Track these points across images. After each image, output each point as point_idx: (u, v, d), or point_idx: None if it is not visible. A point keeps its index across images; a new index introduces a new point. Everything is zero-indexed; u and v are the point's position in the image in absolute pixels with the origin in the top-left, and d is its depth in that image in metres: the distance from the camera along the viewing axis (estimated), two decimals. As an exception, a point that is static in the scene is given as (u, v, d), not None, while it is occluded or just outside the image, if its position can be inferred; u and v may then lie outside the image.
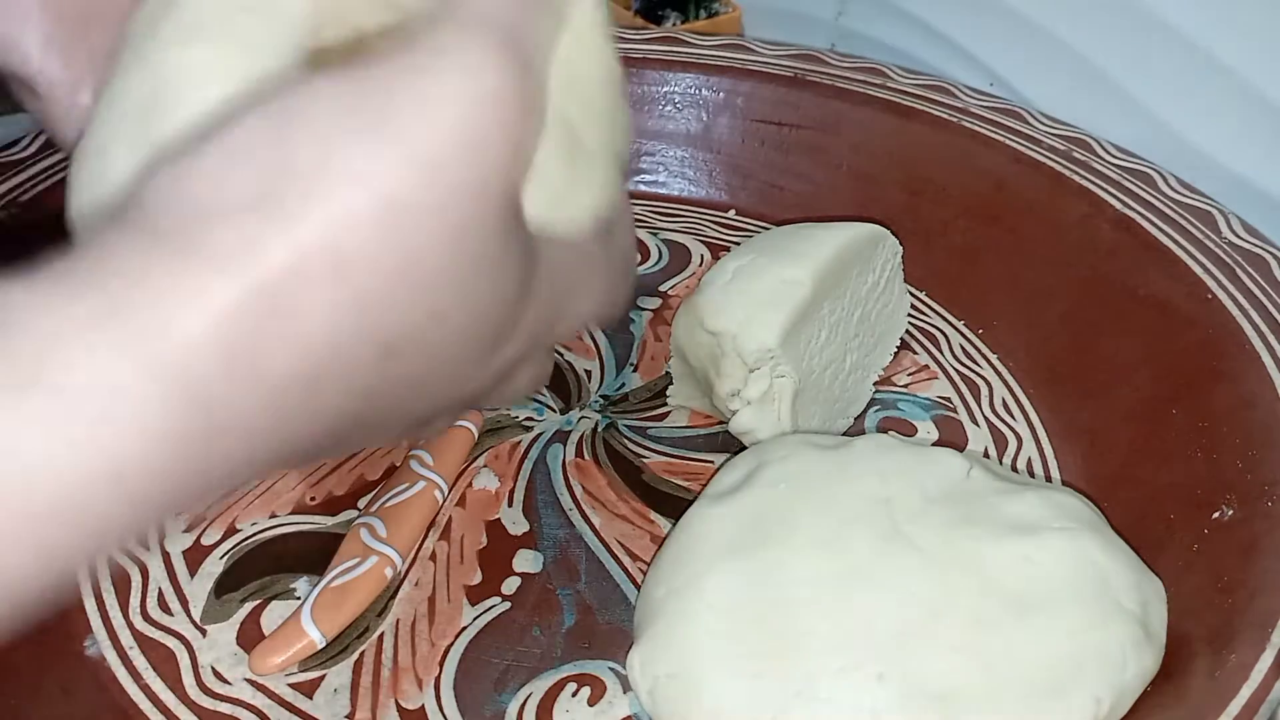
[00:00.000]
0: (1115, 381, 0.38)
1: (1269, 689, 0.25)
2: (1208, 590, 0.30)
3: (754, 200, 0.52)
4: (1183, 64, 0.49)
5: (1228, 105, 0.48)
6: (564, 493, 0.37)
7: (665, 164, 0.54)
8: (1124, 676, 0.26)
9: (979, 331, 0.44)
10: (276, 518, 0.35)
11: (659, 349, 0.44)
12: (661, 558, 0.31)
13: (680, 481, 0.37)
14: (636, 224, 0.52)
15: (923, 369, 0.43)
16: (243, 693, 0.30)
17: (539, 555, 0.34)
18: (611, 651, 0.31)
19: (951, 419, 0.40)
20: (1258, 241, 0.39)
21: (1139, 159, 0.45)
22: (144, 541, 0.34)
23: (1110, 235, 0.42)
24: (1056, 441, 0.39)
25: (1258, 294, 0.37)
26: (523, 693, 0.30)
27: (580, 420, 0.40)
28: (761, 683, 0.26)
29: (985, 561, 0.28)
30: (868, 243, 0.39)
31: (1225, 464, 0.33)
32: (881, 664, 0.26)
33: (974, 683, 0.25)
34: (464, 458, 0.37)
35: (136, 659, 0.31)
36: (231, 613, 0.32)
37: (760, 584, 0.28)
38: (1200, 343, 0.36)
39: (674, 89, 0.53)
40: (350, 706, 0.30)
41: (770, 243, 0.38)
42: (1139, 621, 0.27)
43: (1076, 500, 0.31)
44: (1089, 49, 0.53)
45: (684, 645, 0.27)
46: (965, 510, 0.29)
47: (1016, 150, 0.46)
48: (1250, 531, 0.30)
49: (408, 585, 0.33)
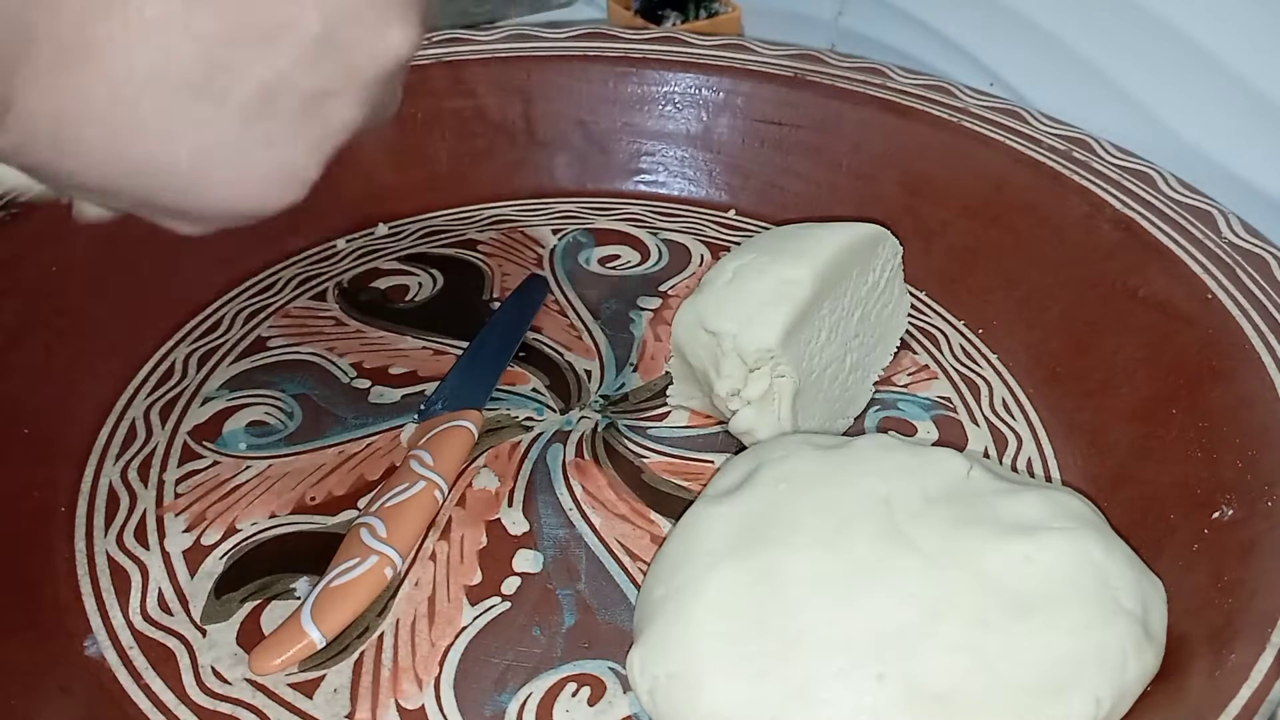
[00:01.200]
0: (1115, 381, 0.38)
1: (1269, 689, 0.25)
2: (1207, 590, 0.30)
3: (754, 200, 0.52)
4: (1183, 64, 0.49)
5: (1228, 105, 0.48)
6: (564, 493, 0.37)
7: (665, 164, 0.54)
8: (1124, 676, 0.26)
9: (979, 331, 0.44)
10: (276, 518, 0.35)
11: (659, 349, 0.44)
12: (661, 558, 0.31)
13: (680, 481, 0.37)
14: (637, 224, 0.52)
15: (922, 369, 0.43)
16: (242, 692, 0.30)
17: (539, 555, 0.34)
18: (611, 651, 0.31)
19: (951, 419, 0.40)
20: (1258, 241, 0.39)
21: (1139, 159, 0.45)
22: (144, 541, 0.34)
23: (1110, 235, 0.42)
24: (1056, 441, 0.39)
25: (1258, 294, 0.37)
26: (523, 692, 0.30)
27: (580, 420, 0.40)
28: (761, 683, 0.26)
29: (985, 561, 0.28)
30: (868, 243, 0.39)
31: (1225, 464, 0.33)
32: (881, 664, 0.26)
33: (974, 683, 0.25)
34: (464, 457, 0.37)
35: (136, 659, 0.31)
36: (231, 613, 0.32)
37: (760, 584, 0.28)
38: (1200, 342, 0.36)
39: (674, 89, 0.53)
40: (350, 706, 0.30)
41: (771, 242, 0.38)
42: (1139, 621, 0.27)
43: (1076, 500, 0.31)
44: (1089, 49, 0.53)
45: (684, 645, 0.27)
46: (965, 510, 0.29)
47: (1016, 150, 0.46)
48: (1250, 531, 0.30)
49: (408, 585, 0.33)
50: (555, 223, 0.52)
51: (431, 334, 0.44)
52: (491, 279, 0.48)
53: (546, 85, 0.53)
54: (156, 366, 0.42)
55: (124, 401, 0.40)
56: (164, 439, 0.39)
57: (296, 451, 0.38)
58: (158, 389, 0.41)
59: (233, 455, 0.38)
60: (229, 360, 0.42)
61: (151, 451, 0.38)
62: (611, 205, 0.53)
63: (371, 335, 0.44)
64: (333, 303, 0.46)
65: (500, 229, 0.52)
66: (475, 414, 0.38)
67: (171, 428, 0.39)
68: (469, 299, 0.47)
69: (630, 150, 0.54)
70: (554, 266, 0.49)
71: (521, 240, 0.51)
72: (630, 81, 0.54)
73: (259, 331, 0.44)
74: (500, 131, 0.53)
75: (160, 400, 0.40)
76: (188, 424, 0.39)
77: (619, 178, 0.54)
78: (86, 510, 0.35)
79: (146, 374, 0.41)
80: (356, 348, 0.43)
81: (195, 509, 0.36)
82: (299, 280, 0.47)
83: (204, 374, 0.42)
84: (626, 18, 0.67)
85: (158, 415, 0.40)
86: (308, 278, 0.48)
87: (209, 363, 0.42)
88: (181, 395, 0.41)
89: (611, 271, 0.49)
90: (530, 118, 0.54)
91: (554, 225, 0.52)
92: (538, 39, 0.55)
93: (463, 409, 0.38)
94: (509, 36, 0.55)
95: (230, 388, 0.41)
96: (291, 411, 0.40)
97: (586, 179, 0.54)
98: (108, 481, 0.37)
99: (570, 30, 0.56)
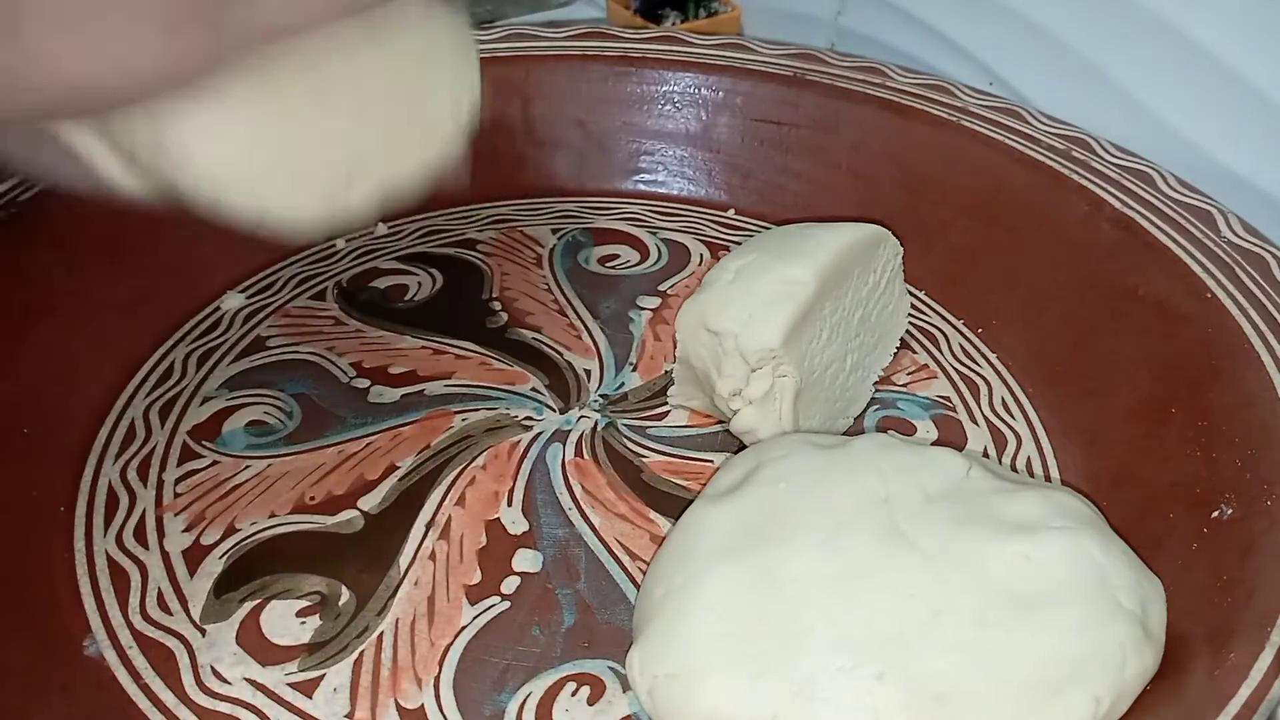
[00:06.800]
0: (1115, 380, 0.38)
1: (1268, 688, 0.25)
2: (1207, 589, 0.30)
3: (753, 200, 0.52)
4: (1183, 64, 0.49)
5: (1228, 105, 0.48)
6: (563, 492, 0.37)
7: (664, 163, 0.54)
8: (1123, 676, 0.26)
9: (978, 331, 0.44)
10: (276, 517, 0.35)
11: (659, 349, 0.44)
12: (661, 557, 0.31)
13: (680, 481, 0.37)
14: (636, 223, 0.52)
15: (922, 368, 0.43)
16: (242, 692, 0.30)
17: (538, 555, 0.34)
18: (611, 651, 0.31)
19: (951, 418, 0.40)
20: (1257, 241, 0.39)
21: (1138, 158, 0.45)
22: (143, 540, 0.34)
23: (1110, 234, 0.42)
24: (1056, 441, 0.39)
25: (1257, 293, 0.37)
26: (522, 692, 0.30)
27: (580, 419, 0.40)
28: (761, 682, 0.26)
29: (985, 561, 0.28)
30: (870, 243, 0.39)
31: (1224, 463, 0.33)
32: (881, 663, 0.26)
33: (973, 682, 0.25)
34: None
35: (136, 659, 0.31)
36: (231, 612, 0.32)
37: (760, 583, 0.28)
38: (1200, 342, 0.36)
39: (673, 88, 0.53)
40: (350, 706, 0.30)
41: (773, 242, 0.38)
42: (1138, 621, 0.27)
43: (1076, 499, 0.31)
44: (1089, 49, 0.53)
45: (683, 645, 0.27)
46: (965, 509, 0.29)
47: (1016, 150, 0.46)
48: (1249, 531, 0.30)
49: (407, 585, 0.33)
50: (554, 222, 0.52)
51: (431, 333, 0.44)
52: (491, 278, 0.48)
53: (545, 84, 0.53)
54: (156, 366, 0.42)
55: (123, 401, 0.40)
56: (163, 439, 0.39)
57: (296, 451, 0.38)
58: (157, 389, 0.41)
59: (232, 455, 0.38)
60: (228, 360, 0.42)
61: (151, 451, 0.38)
62: (611, 205, 0.53)
63: (371, 335, 0.44)
64: (332, 302, 0.46)
65: (499, 228, 0.52)
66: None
67: (171, 427, 0.39)
68: (468, 298, 0.47)
69: (630, 150, 0.54)
70: (553, 266, 0.49)
71: (521, 239, 0.51)
72: (630, 81, 0.54)
73: (258, 331, 0.44)
74: (499, 131, 0.53)
75: (159, 400, 0.40)
76: (187, 423, 0.39)
77: (618, 177, 0.54)
78: (86, 510, 0.35)
79: (146, 373, 0.41)
80: (356, 347, 0.43)
81: (195, 509, 0.36)
82: (298, 280, 0.47)
83: (203, 374, 0.42)
84: (626, 17, 0.67)
85: (157, 415, 0.40)
86: (307, 277, 0.48)
87: (208, 362, 0.42)
88: (181, 395, 0.41)
89: (611, 271, 0.49)
90: (529, 117, 0.54)
91: (553, 225, 0.52)
92: (537, 38, 0.55)
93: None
94: (508, 36, 0.55)
95: (230, 387, 0.41)
96: (291, 411, 0.40)
97: (586, 178, 0.54)
98: (107, 481, 0.37)
99: (569, 30, 0.56)
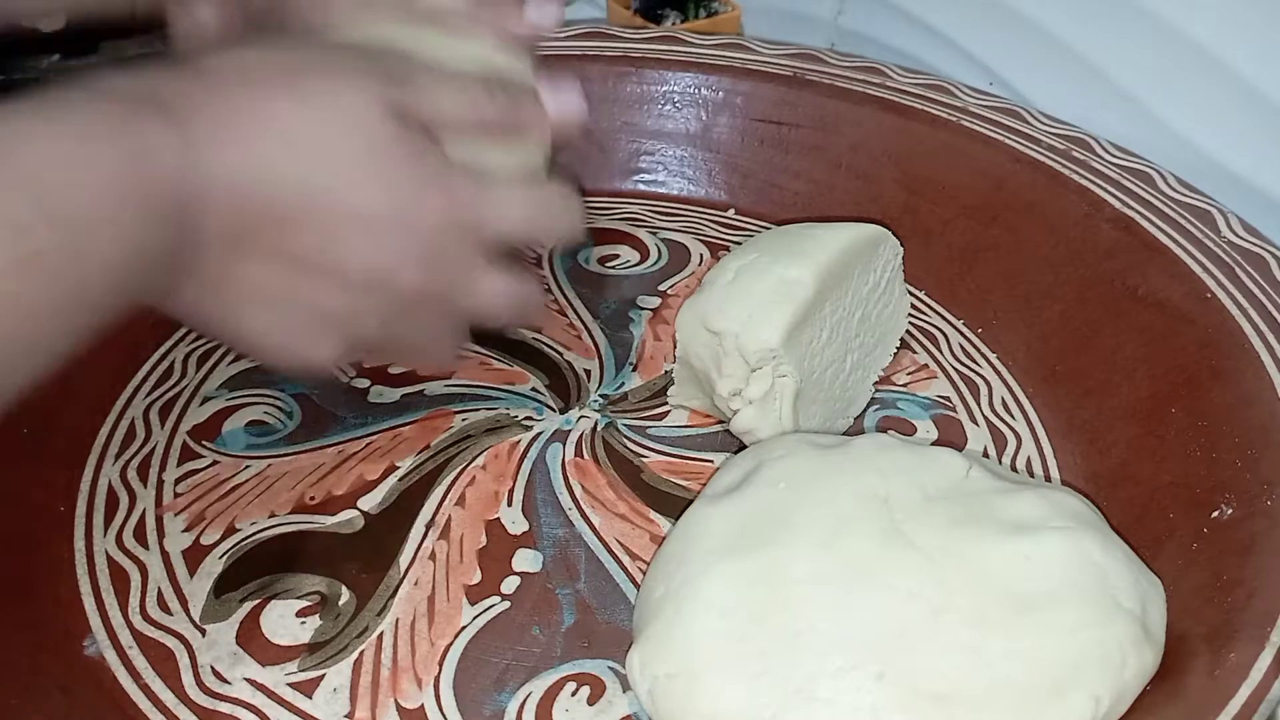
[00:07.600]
0: (1114, 380, 0.38)
1: (1268, 688, 0.25)
2: (1207, 589, 0.30)
3: (753, 200, 0.52)
4: (1183, 64, 0.49)
5: (1227, 105, 0.48)
6: (563, 492, 0.37)
7: (665, 163, 0.54)
8: (1123, 675, 0.26)
9: (978, 331, 0.44)
10: (276, 517, 0.35)
11: (659, 349, 0.44)
12: (661, 557, 0.31)
13: (680, 481, 0.37)
14: (636, 223, 0.52)
15: (922, 368, 0.43)
16: (242, 692, 0.30)
17: (538, 555, 0.34)
18: (611, 651, 0.31)
19: (951, 418, 0.40)
20: (1257, 241, 0.39)
21: (1138, 158, 0.45)
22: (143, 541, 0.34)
23: (1109, 234, 0.42)
24: (1056, 440, 0.39)
25: (1257, 293, 0.37)
26: (522, 692, 0.30)
27: (580, 419, 0.40)
28: (761, 682, 0.26)
29: (984, 560, 0.28)
30: (870, 243, 0.39)
31: (1224, 463, 0.33)
32: (881, 663, 0.26)
33: (973, 682, 0.25)
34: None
35: (136, 658, 0.31)
36: (231, 612, 0.32)
37: (759, 583, 0.28)
38: (1199, 342, 0.36)
39: (673, 88, 0.53)
40: (350, 706, 0.30)
41: (773, 242, 0.38)
42: (1138, 620, 0.27)
43: (1075, 499, 0.31)
44: (1089, 49, 0.53)
45: (683, 645, 0.27)
46: (964, 509, 0.29)
47: (1016, 150, 0.46)
48: (1249, 530, 0.30)
49: (407, 585, 0.33)
50: (555, 222, 0.52)
51: (431, 333, 0.44)
52: (491, 278, 0.48)
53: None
54: (156, 366, 0.42)
55: (123, 401, 0.40)
56: (163, 439, 0.39)
57: (296, 451, 0.38)
58: (157, 388, 0.41)
59: (232, 455, 0.38)
60: (228, 360, 0.42)
61: (151, 451, 0.38)
62: (611, 204, 0.53)
63: (371, 335, 0.44)
64: (332, 302, 0.46)
65: (500, 228, 0.51)
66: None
67: (171, 427, 0.39)
68: (468, 298, 0.47)
69: (630, 149, 0.54)
70: (553, 266, 0.49)
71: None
72: (630, 81, 0.54)
73: (258, 331, 0.44)
74: (500, 131, 0.53)
75: (160, 400, 0.40)
76: (187, 423, 0.39)
77: (618, 177, 0.54)
78: (86, 510, 0.35)
79: (146, 373, 0.41)
80: (356, 347, 0.43)
81: (195, 509, 0.36)
82: (298, 280, 0.47)
83: (203, 373, 0.42)
84: (626, 17, 0.67)
85: (157, 415, 0.40)
86: (307, 277, 0.48)
87: (208, 362, 0.42)
88: (181, 395, 0.41)
89: (611, 271, 0.49)
90: (530, 117, 0.53)
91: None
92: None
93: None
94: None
95: (229, 387, 0.41)
96: (291, 411, 0.40)
97: (586, 178, 0.54)
98: (107, 481, 0.37)
99: (570, 30, 0.56)
